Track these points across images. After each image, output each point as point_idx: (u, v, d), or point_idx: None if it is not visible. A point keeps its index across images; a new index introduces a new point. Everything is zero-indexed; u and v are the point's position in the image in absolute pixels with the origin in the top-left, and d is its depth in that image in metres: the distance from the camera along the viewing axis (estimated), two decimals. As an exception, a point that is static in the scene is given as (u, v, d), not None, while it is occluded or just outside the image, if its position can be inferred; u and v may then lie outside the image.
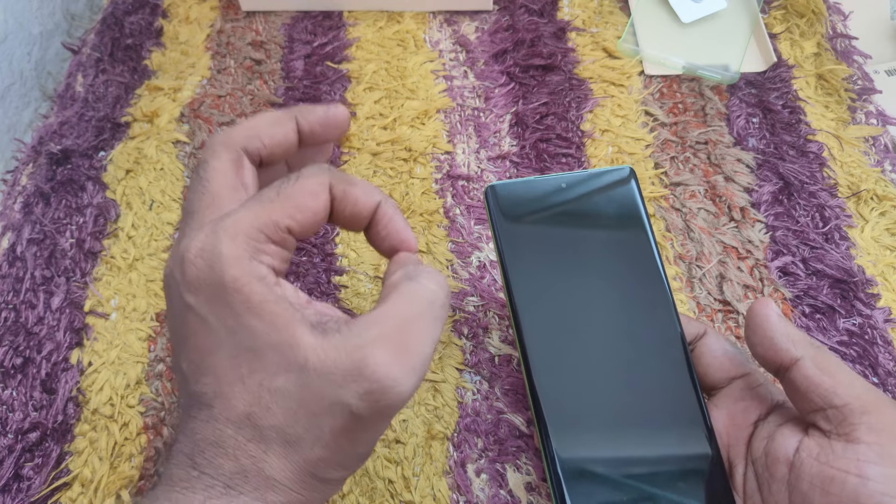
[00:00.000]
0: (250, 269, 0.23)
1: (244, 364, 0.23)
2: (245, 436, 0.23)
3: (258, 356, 0.22)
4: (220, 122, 0.51)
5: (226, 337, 0.23)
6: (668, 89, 0.52)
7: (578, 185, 0.32)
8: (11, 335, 0.42)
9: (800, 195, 0.46)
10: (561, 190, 0.32)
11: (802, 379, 0.27)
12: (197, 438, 0.23)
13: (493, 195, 0.31)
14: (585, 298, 0.30)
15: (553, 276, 0.30)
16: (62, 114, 0.52)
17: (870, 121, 0.50)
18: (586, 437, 0.28)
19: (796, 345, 0.28)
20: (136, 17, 0.58)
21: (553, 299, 0.30)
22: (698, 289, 0.43)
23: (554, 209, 0.32)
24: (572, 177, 0.33)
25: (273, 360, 0.22)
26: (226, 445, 0.23)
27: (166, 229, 0.46)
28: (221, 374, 0.23)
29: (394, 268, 0.26)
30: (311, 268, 0.44)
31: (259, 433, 0.23)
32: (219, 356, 0.23)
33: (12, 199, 0.48)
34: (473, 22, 0.57)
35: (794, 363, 0.27)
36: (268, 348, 0.22)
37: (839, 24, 0.55)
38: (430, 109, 0.51)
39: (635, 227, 0.32)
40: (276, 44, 0.56)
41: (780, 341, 0.28)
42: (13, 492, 0.37)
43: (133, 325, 0.42)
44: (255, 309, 0.22)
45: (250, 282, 0.22)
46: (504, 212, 0.31)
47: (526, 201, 0.31)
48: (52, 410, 0.39)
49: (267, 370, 0.22)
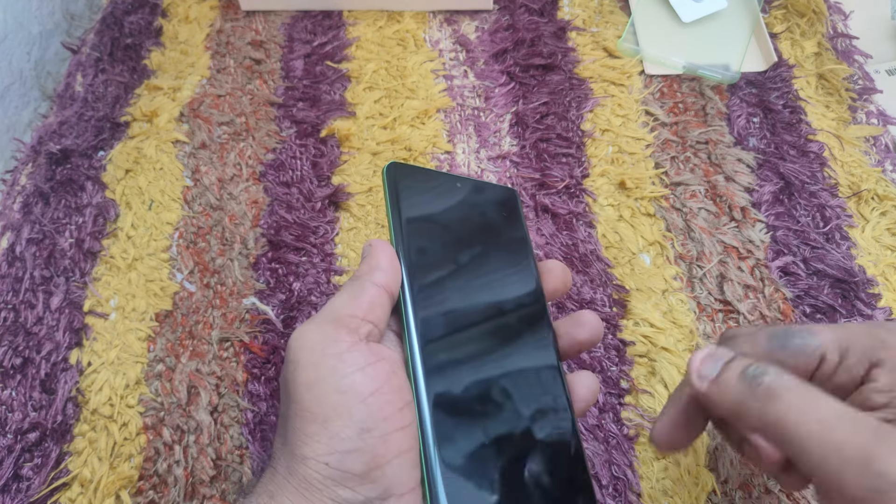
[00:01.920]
0: None
1: None
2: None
3: None
4: (220, 121, 0.51)
5: None
6: (669, 89, 0.52)
7: (471, 190, 0.34)
8: (11, 335, 0.42)
9: (800, 195, 0.46)
10: (455, 189, 0.33)
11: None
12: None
13: (392, 173, 0.31)
14: (466, 285, 0.31)
15: (440, 256, 0.31)
16: (62, 113, 0.52)
17: (870, 120, 0.50)
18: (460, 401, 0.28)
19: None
20: (136, 16, 0.58)
21: (441, 278, 0.30)
22: (699, 289, 0.43)
23: (445, 203, 0.33)
24: (466, 181, 0.34)
25: None
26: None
27: (165, 229, 0.46)
28: None
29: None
30: (311, 268, 0.44)
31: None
32: None
33: (12, 198, 0.48)
34: (473, 21, 0.57)
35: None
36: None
37: (840, 24, 0.54)
38: (430, 109, 0.51)
39: (517, 236, 0.34)
40: (276, 43, 0.56)
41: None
42: (13, 492, 0.37)
43: (132, 325, 0.42)
44: None
45: None
46: (401, 191, 0.31)
47: (423, 187, 0.32)
48: (51, 410, 0.39)
49: None
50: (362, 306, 0.27)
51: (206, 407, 0.39)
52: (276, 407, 0.40)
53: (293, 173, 0.48)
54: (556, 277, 0.33)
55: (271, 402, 0.40)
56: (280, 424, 0.26)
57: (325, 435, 0.24)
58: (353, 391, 0.25)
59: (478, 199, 0.34)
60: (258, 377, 0.40)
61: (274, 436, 0.38)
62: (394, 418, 0.25)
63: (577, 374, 0.32)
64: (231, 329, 0.42)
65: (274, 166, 0.49)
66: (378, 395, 0.25)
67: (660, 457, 0.38)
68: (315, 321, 0.27)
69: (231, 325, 0.42)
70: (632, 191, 0.47)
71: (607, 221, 0.46)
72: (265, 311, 0.43)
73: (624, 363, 0.40)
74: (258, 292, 0.43)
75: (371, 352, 0.26)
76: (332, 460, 0.24)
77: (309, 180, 0.48)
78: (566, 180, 0.47)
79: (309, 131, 0.51)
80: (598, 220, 0.46)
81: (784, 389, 0.24)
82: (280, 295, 0.43)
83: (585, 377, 0.32)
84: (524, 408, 0.29)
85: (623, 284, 0.43)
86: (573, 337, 0.32)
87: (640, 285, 0.43)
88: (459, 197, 0.33)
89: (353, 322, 0.26)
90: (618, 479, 0.37)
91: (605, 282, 0.43)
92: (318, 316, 0.27)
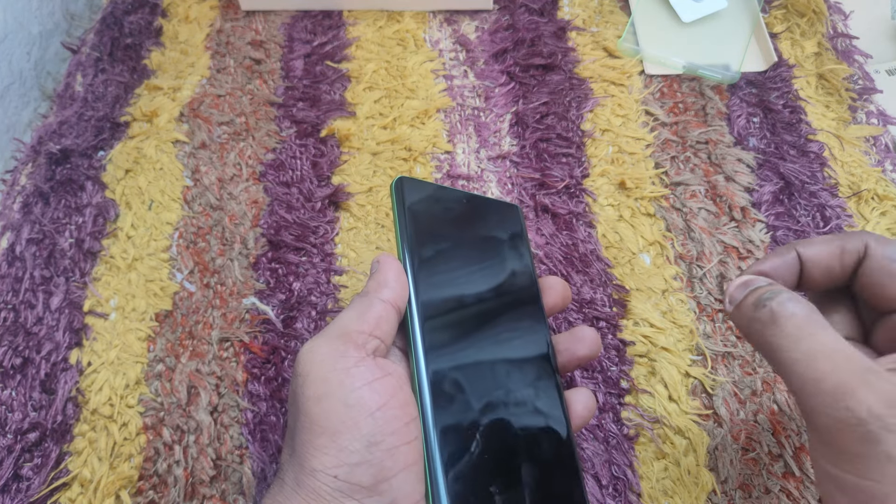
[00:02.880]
0: None
1: None
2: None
3: None
4: (220, 121, 0.51)
5: None
6: (669, 89, 0.52)
7: (477, 207, 0.35)
8: (10, 335, 0.42)
9: (800, 195, 0.46)
10: (462, 205, 0.34)
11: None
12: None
13: (401, 188, 0.32)
14: (471, 301, 0.31)
15: (446, 272, 0.31)
16: (61, 113, 0.52)
17: (870, 120, 0.50)
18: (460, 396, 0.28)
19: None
20: (136, 16, 0.58)
21: (446, 292, 0.31)
22: (699, 289, 0.43)
23: (452, 219, 0.33)
24: (473, 197, 0.35)
25: None
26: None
27: (165, 229, 0.46)
28: None
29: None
30: (311, 268, 0.44)
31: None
32: None
33: (11, 198, 0.48)
34: (473, 21, 0.57)
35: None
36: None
37: (840, 24, 0.54)
38: (430, 109, 0.51)
39: (520, 252, 0.35)
40: (276, 43, 0.56)
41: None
42: (12, 492, 0.37)
43: (132, 325, 0.42)
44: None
45: None
46: (409, 206, 0.31)
47: (430, 203, 0.32)
48: (51, 411, 0.39)
49: None
50: (370, 322, 0.27)
51: (205, 407, 0.39)
52: (276, 407, 0.40)
53: (293, 173, 0.48)
54: (557, 293, 0.34)
55: (271, 403, 0.40)
56: (287, 437, 0.27)
57: (334, 448, 0.24)
58: (361, 405, 0.25)
59: (483, 215, 0.35)
60: (258, 377, 0.40)
61: (274, 437, 0.38)
62: (401, 432, 0.25)
63: (575, 392, 0.33)
64: (231, 329, 0.42)
65: (274, 166, 0.49)
66: (385, 410, 0.25)
67: (660, 456, 0.38)
68: (324, 336, 0.27)
69: (231, 325, 0.42)
70: (632, 191, 0.47)
71: (607, 221, 0.46)
72: (265, 311, 0.43)
73: (624, 363, 0.40)
74: (258, 292, 0.43)
75: (378, 367, 0.27)
76: (341, 473, 0.24)
77: (309, 180, 0.48)
78: (566, 180, 0.47)
79: (309, 131, 0.51)
80: (598, 220, 0.46)
81: (785, 316, 0.25)
82: (280, 295, 0.43)
83: (582, 394, 0.32)
84: (524, 423, 0.29)
85: (623, 284, 0.43)
86: (573, 353, 0.33)
87: (640, 285, 0.43)
88: (466, 213, 0.34)
89: (361, 338, 0.27)
90: (618, 479, 0.37)
91: (605, 282, 0.43)
92: (327, 331, 0.28)
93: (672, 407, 0.39)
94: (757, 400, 0.39)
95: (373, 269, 0.30)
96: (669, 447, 0.38)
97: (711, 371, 0.40)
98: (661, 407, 0.39)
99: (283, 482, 0.25)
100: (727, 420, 0.38)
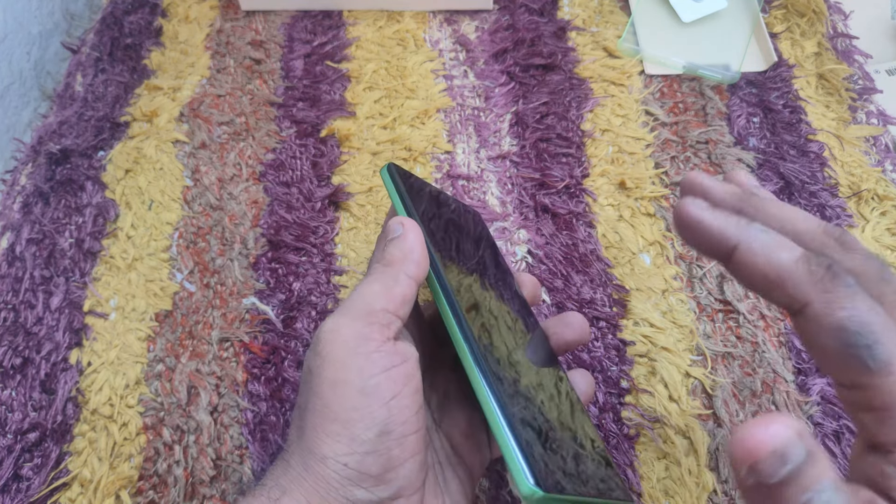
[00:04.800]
0: None
1: None
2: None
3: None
4: (220, 121, 0.51)
5: None
6: (669, 89, 0.52)
7: (452, 201, 0.36)
8: (10, 335, 0.42)
9: (800, 195, 0.46)
10: (442, 196, 0.35)
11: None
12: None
13: (394, 172, 0.31)
14: (475, 281, 0.31)
15: (449, 252, 0.31)
16: (61, 113, 0.52)
17: (870, 120, 0.50)
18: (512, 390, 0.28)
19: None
20: (136, 16, 0.58)
21: (457, 269, 0.31)
22: (699, 289, 0.43)
23: (439, 205, 0.34)
24: (446, 194, 0.36)
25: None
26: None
27: (165, 229, 0.46)
28: None
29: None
30: (311, 268, 0.44)
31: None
32: None
33: (11, 198, 0.48)
34: (473, 21, 0.57)
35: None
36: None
37: (840, 24, 0.54)
38: (430, 109, 0.51)
39: (494, 248, 0.37)
40: (276, 43, 0.56)
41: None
42: (12, 492, 0.37)
43: (132, 325, 0.42)
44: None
45: None
46: (406, 188, 0.31)
47: (419, 189, 0.33)
48: (51, 411, 0.39)
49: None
50: (395, 300, 0.26)
51: (205, 407, 0.39)
52: (276, 407, 0.40)
53: (293, 173, 0.48)
54: (528, 290, 0.36)
55: (271, 403, 0.40)
56: (296, 414, 0.26)
57: (346, 435, 0.24)
58: (377, 394, 0.25)
59: (458, 211, 0.36)
60: (258, 377, 0.40)
61: (274, 436, 0.38)
62: (410, 422, 0.25)
63: (574, 373, 0.34)
64: (231, 329, 0.42)
65: (274, 166, 0.49)
66: (399, 399, 0.25)
67: (660, 456, 0.38)
68: (347, 314, 0.26)
69: (231, 325, 0.42)
70: (632, 191, 0.47)
71: (607, 221, 0.46)
72: (265, 312, 0.43)
73: (624, 363, 0.40)
74: (258, 292, 0.43)
75: (397, 352, 0.26)
76: (352, 461, 0.24)
77: (309, 180, 0.48)
78: (566, 180, 0.47)
79: (309, 131, 0.51)
80: (598, 220, 0.46)
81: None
82: (280, 295, 0.43)
83: (581, 375, 0.34)
84: (549, 396, 0.30)
85: (623, 284, 0.43)
86: (560, 336, 0.34)
87: (640, 285, 0.43)
88: (446, 204, 0.35)
89: (386, 317, 0.26)
90: (618, 479, 0.37)
91: (605, 282, 0.43)
92: (350, 305, 0.26)
93: (672, 407, 0.39)
94: (756, 401, 0.39)
95: (393, 232, 0.28)
96: (670, 447, 0.38)
97: (711, 371, 0.40)
98: (662, 407, 0.39)
99: (289, 464, 0.25)
100: (727, 421, 0.38)
